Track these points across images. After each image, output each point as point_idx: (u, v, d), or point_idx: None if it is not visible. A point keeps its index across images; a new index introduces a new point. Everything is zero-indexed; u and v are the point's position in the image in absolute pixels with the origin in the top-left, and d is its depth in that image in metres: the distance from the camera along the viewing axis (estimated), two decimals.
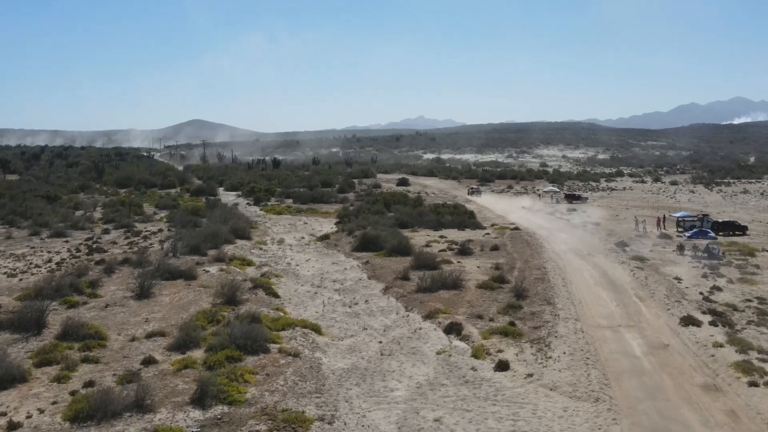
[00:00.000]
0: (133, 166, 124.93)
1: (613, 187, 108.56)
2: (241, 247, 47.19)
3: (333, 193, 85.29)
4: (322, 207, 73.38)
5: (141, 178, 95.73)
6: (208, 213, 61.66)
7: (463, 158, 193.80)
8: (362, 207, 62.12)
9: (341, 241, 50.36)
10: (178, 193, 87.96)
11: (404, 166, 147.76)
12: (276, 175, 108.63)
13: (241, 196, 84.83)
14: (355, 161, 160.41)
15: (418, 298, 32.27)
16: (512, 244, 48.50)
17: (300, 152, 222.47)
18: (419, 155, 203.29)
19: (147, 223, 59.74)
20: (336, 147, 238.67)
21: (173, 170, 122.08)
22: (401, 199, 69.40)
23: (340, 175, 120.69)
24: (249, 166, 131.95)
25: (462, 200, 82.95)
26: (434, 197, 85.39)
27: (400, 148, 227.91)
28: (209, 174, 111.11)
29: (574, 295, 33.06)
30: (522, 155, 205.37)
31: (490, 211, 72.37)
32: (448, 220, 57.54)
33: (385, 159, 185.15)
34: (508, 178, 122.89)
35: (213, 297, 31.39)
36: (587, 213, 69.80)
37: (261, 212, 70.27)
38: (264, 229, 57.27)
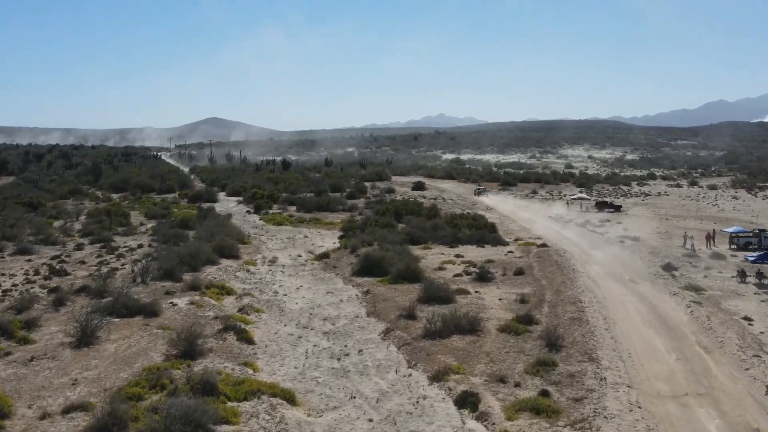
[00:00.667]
0: (135, 168, 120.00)
1: (647, 191, 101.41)
2: (225, 269, 41.30)
3: (341, 199, 79.33)
4: (327, 216, 67.40)
5: (138, 181, 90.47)
6: (198, 225, 55.95)
7: (483, 159, 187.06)
8: (369, 219, 55.99)
9: (342, 261, 44.27)
10: (176, 199, 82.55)
11: (421, 168, 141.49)
12: (284, 178, 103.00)
13: (242, 203, 79.21)
14: (370, 162, 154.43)
15: (425, 347, 26.08)
16: (540, 266, 42.11)
17: (315, 152, 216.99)
18: (438, 155, 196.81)
19: (129, 236, 54.10)
20: (352, 147, 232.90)
21: (177, 172, 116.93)
22: (414, 208, 63.20)
23: (352, 178, 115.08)
24: (257, 167, 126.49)
25: (482, 208, 76.56)
26: (451, 204, 79.11)
27: (418, 148, 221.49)
28: (213, 177, 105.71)
29: (621, 342, 26.67)
30: (545, 155, 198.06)
31: (513, 221, 65.94)
32: (466, 235, 51.24)
33: (401, 160, 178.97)
34: (531, 181, 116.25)
35: (168, 345, 25.44)
36: (623, 225, 63.11)
37: (260, 222, 64.51)
38: (257, 244, 51.36)
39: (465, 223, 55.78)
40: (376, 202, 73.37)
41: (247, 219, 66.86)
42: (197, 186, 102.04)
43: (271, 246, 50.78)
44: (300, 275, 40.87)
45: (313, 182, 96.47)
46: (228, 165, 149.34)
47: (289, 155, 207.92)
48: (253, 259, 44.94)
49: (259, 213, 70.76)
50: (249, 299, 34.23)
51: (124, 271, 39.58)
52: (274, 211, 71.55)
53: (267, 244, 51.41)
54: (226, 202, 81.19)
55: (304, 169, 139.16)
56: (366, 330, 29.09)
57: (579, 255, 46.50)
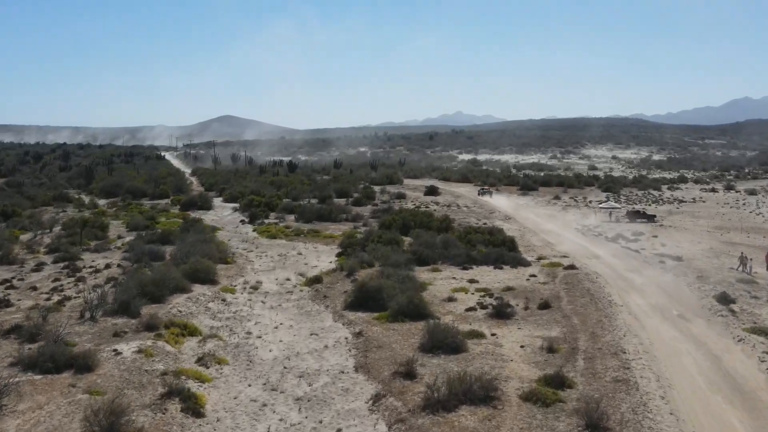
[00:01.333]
0: (132, 170, 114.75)
1: (680, 197, 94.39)
2: (196, 298, 35.41)
3: (346, 206, 73.37)
4: (328, 227, 61.40)
5: (129, 186, 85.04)
6: (180, 239, 50.20)
7: (502, 159, 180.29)
8: (372, 233, 49.81)
9: (335, 287, 38.22)
10: (168, 206, 76.98)
11: (436, 170, 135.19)
12: (288, 182, 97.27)
13: (238, 210, 73.47)
14: (382, 163, 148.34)
15: (424, 426, 19.95)
16: (569, 295, 35.81)
17: (326, 152, 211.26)
18: (454, 156, 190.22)
19: (101, 252, 48.39)
20: (365, 146, 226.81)
21: (176, 175, 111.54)
22: (424, 220, 56.98)
23: (361, 181, 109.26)
24: (262, 169, 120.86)
25: (501, 217, 70.22)
26: (466, 213, 72.84)
27: (433, 148, 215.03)
28: (212, 180, 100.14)
29: (684, 420, 20.36)
30: (567, 156, 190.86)
31: (535, 234, 59.57)
32: (482, 254, 44.97)
33: (416, 161, 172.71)
34: (553, 185, 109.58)
35: (83, 425, 19.49)
36: (660, 239, 56.58)
37: (253, 234, 58.70)
38: (243, 263, 45.43)
39: (481, 238, 49.48)
40: (384, 210, 67.28)
41: (240, 230, 61.05)
42: (195, 190, 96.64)
43: (258, 266, 44.83)
44: (283, 307, 34.86)
45: (318, 187, 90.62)
46: (233, 166, 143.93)
47: (299, 155, 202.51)
48: (233, 285, 39.01)
49: (253, 223, 64.97)
50: (214, 343, 28.27)
51: (76, 302, 33.80)
52: (270, 221, 65.70)
53: (254, 264, 45.45)
54: (221, 210, 75.49)
55: (312, 170, 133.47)
56: (350, 395, 22.97)
57: (614, 280, 40.12)
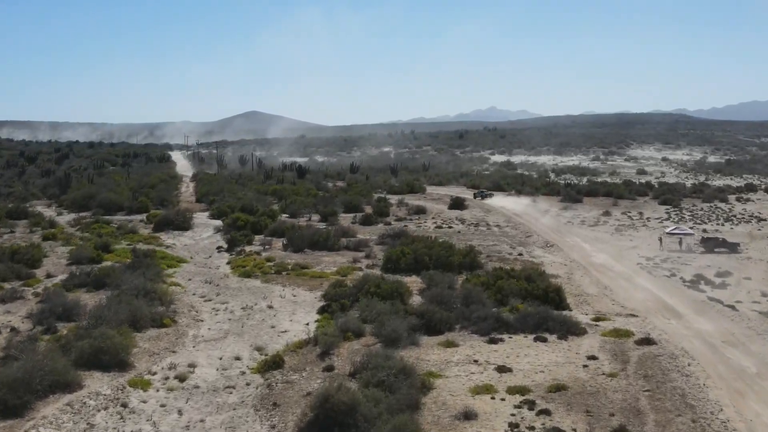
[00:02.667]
0: (121, 176, 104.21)
1: (756, 212, 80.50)
2: (81, 404, 23.77)
3: (351, 227, 61.49)
4: (321, 259, 49.46)
5: (103, 198, 74.17)
6: (118, 280, 38.80)
7: (538, 161, 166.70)
8: (368, 281, 37.49)
9: (296, 384, 26.18)
10: (142, 223, 65.85)
11: (465, 175, 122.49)
12: (292, 191, 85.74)
13: (221, 230, 62.04)
14: (404, 167, 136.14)
15: None
16: (654, 407, 23.38)
17: (346, 153, 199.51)
18: (485, 157, 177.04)
19: (6, 303, 37.01)
20: (389, 146, 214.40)
21: (168, 182, 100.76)
22: (442, 254, 44.63)
23: (379, 189, 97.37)
24: (267, 174, 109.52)
25: (540, 244, 57.63)
26: (498, 236, 60.32)
27: (463, 148, 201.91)
28: (206, 189, 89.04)
29: None
30: (611, 157, 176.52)
31: (587, 271, 46.95)
32: (517, 314, 32.63)
33: (443, 163, 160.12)
34: (600, 194, 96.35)
35: None
36: (756, 281, 43.64)
37: (225, 269, 47.18)
38: (185, 325, 33.65)
39: (516, 286, 36.99)
40: (394, 235, 55.06)
41: (211, 263, 49.49)
42: (185, 201, 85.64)
43: (205, 330, 33.05)
44: (206, 427, 22.98)
45: (325, 199, 78.87)
46: (240, 170, 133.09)
47: (317, 156, 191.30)
48: (152, 372, 27.27)
49: (232, 250, 53.50)
50: None
51: None
52: (253, 248, 54.03)
53: (201, 326, 33.64)
54: (202, 230, 64.06)
55: (325, 175, 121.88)
56: None
57: (714, 365, 27.58)
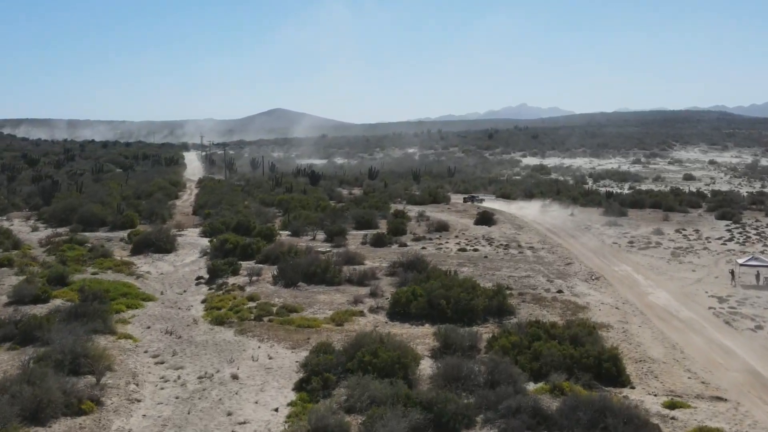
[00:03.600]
0: (117, 182, 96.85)
1: None
2: None
3: (357, 254, 53.04)
4: (316, 297, 41.01)
5: (84, 212, 66.57)
6: (48, 334, 30.77)
7: (574, 164, 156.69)
8: (364, 343, 28.89)
9: None
10: (120, 243, 58.11)
11: (494, 181, 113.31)
12: (301, 202, 77.56)
13: (208, 253, 54.02)
14: (429, 171, 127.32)
15: None
16: None
17: (368, 154, 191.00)
18: (516, 160, 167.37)
19: None
20: (414, 146, 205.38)
21: (169, 189, 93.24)
22: (463, 297, 35.83)
23: (397, 199, 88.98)
24: (277, 181, 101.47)
25: (583, 274, 48.51)
26: (532, 263, 51.16)
27: (492, 149, 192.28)
28: (205, 198, 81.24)
29: None
30: (653, 160, 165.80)
31: (646, 320, 37.81)
32: (562, 402, 23.85)
33: (471, 166, 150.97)
34: (646, 205, 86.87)
35: None
36: None
37: (199, 309, 39.08)
38: (112, 409, 25.42)
39: (558, 352, 28.11)
40: (408, 264, 46.33)
41: (183, 301, 41.34)
42: (180, 213, 77.98)
43: (136, 421, 24.64)
44: None
45: (334, 213, 70.54)
46: (251, 174, 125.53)
47: (337, 158, 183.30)
48: None
49: (214, 282, 45.41)
50: None
51: None
52: (238, 279, 45.78)
53: (134, 412, 25.32)
54: (188, 251, 56.02)
55: (341, 181, 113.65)
56: None
57: None
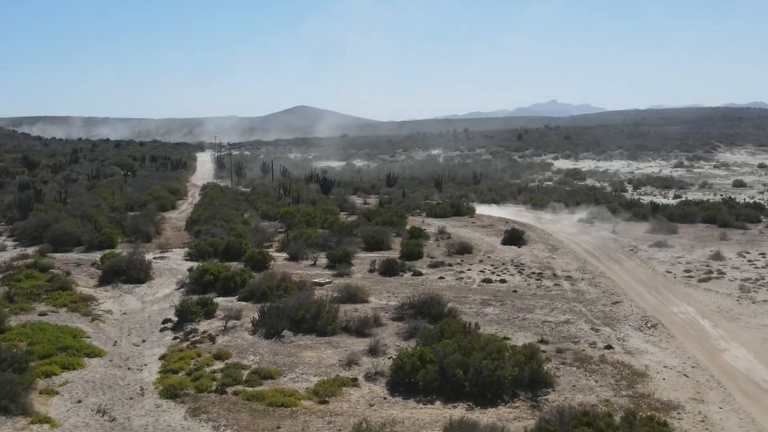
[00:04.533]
0: (109, 190, 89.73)
1: None
2: None
3: (361, 286, 44.88)
4: (301, 355, 32.84)
5: (58, 229, 59.33)
6: None
7: (611, 168, 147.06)
8: None
9: None
10: (94, 267, 50.70)
11: (524, 189, 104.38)
12: (307, 215, 69.73)
13: (185, 285, 46.27)
14: (453, 177, 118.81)
15: None
16: None
17: (389, 156, 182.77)
18: (548, 163, 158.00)
19: None
20: (438, 147, 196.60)
21: (165, 197, 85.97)
22: (487, 367, 27.47)
23: (416, 211, 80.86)
24: (286, 189, 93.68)
25: (636, 321, 39.78)
26: (570, 300, 42.29)
27: (522, 151, 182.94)
28: (198, 213, 73.67)
29: None
30: (697, 163, 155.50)
31: (724, 391, 28.98)
32: None
33: (498, 170, 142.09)
34: (697, 220, 77.58)
35: None
36: None
37: (156, 366, 31.31)
38: None
39: None
40: (420, 307, 38.04)
41: (138, 356, 33.55)
42: (172, 227, 70.63)
43: None
44: None
45: (343, 230, 62.56)
46: (260, 179, 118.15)
47: (356, 160, 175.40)
48: None
49: (182, 327, 37.63)
50: None
51: None
52: (212, 323, 37.86)
53: None
54: (165, 281, 48.29)
55: (357, 188, 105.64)
56: None
57: None
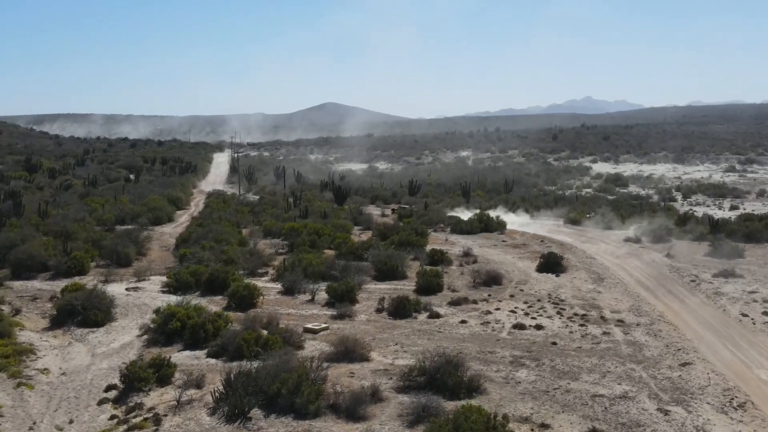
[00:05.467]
0: (100, 200, 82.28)
1: None
2: None
3: (361, 340, 36.49)
4: None
5: (22, 252, 51.87)
6: None
7: (655, 173, 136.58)
8: None
9: None
10: (53, 300, 42.95)
11: (561, 200, 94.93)
12: (309, 236, 61.46)
13: (149, 331, 38.21)
14: (481, 185, 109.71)
15: None
16: None
17: (414, 158, 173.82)
18: (585, 166, 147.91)
19: None
20: (468, 149, 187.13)
21: (162, 209, 78.29)
22: None
23: (439, 226, 72.49)
24: (296, 198, 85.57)
25: (715, 397, 30.65)
26: (624, 371, 32.50)
27: (558, 153, 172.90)
28: (191, 229, 65.73)
29: None
30: (750, 166, 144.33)
31: None
32: None
33: (532, 174, 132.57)
34: (763, 239, 67.63)
35: None
36: None
37: None
38: None
39: None
40: (432, 373, 29.53)
41: None
42: (162, 245, 62.95)
43: None
44: None
45: (351, 252, 54.22)
46: (272, 186, 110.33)
47: (380, 162, 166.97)
48: None
49: (128, 397, 29.57)
50: None
51: None
52: (164, 393, 29.78)
53: None
54: (129, 323, 40.33)
55: (377, 196, 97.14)
56: None
57: None
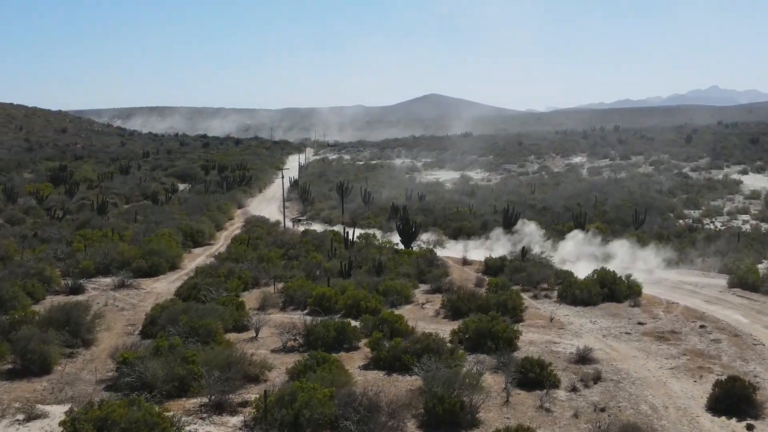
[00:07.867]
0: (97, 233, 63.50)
1: None
2: None
3: None
4: None
5: None
6: None
7: None
8: None
9: None
10: None
11: (715, 237, 68.60)
12: (343, 310, 39.89)
13: None
14: (600, 206, 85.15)
15: None
16: None
17: (518, 165, 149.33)
18: (735, 180, 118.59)
19: None
20: (581, 154, 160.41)
21: (161, 254, 58.97)
22: None
23: (542, 286, 49.73)
24: (345, 237, 64.36)
25: None
26: None
27: (694, 161, 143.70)
28: (160, 310, 45.62)
29: None
30: None
31: None
32: None
33: (665, 191, 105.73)
34: None
35: None
36: None
37: None
38: None
39: None
40: None
41: None
42: (135, 315, 43.19)
43: None
44: None
45: (397, 353, 32.25)
46: (327, 210, 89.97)
47: (475, 170, 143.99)
48: None
49: None
50: None
51: None
52: None
53: None
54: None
55: (461, 228, 74.39)
56: None
57: None
